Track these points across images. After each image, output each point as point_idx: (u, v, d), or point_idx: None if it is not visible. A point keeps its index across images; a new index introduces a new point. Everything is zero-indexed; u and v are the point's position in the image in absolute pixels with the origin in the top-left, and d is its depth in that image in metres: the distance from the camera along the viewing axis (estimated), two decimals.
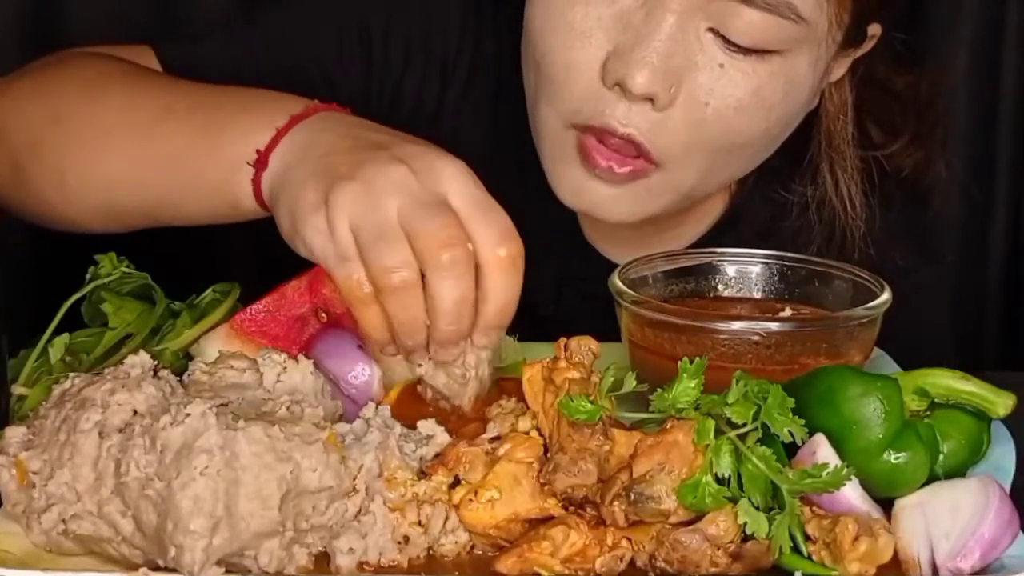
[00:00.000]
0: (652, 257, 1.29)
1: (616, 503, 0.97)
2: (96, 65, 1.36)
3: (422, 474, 1.02)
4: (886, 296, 1.20)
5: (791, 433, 0.97)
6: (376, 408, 1.05)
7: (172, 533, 0.92)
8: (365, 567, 0.97)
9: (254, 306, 1.24)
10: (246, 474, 0.93)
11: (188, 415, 0.95)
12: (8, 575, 0.94)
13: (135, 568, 0.96)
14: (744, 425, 0.98)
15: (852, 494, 0.99)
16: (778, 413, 0.97)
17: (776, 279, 1.29)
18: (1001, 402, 1.06)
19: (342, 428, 1.03)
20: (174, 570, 0.93)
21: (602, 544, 0.97)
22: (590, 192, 1.31)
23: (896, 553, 0.96)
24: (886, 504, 1.00)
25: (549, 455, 1.00)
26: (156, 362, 1.05)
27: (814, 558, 0.95)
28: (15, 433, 1.02)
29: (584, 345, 1.04)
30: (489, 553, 1.00)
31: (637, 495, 0.96)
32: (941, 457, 1.05)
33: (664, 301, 1.24)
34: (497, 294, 1.07)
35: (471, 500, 0.99)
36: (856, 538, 0.94)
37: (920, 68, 1.48)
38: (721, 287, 1.30)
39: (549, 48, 1.28)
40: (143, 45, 1.43)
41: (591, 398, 0.99)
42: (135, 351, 1.05)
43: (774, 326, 1.17)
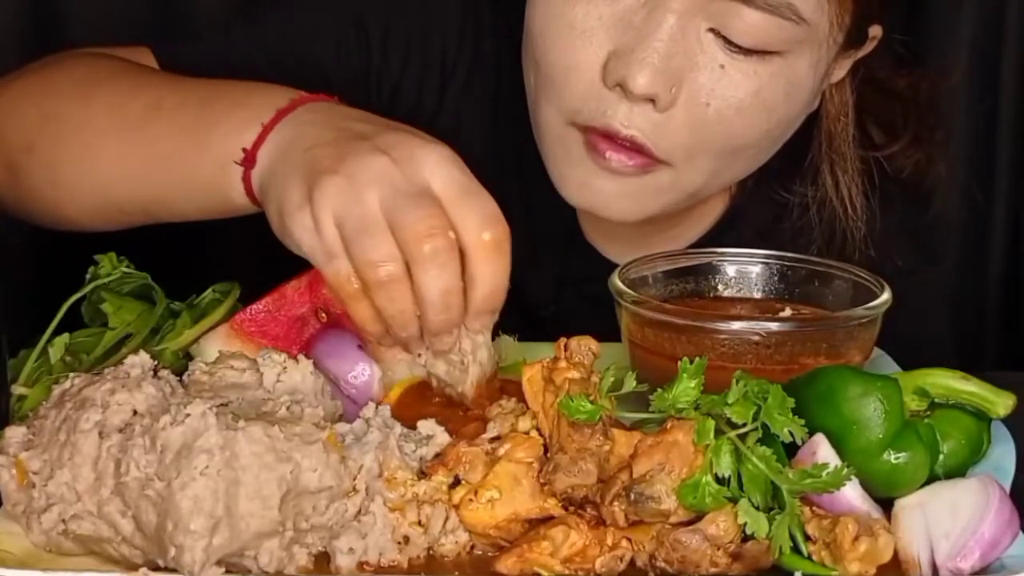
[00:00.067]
0: (652, 257, 1.29)
1: (616, 503, 0.97)
2: (88, 64, 1.36)
3: (422, 474, 1.02)
4: (886, 296, 1.20)
5: (791, 433, 0.97)
6: (376, 408, 1.05)
7: (172, 533, 0.92)
8: (365, 567, 0.97)
9: (254, 306, 1.24)
10: (246, 474, 0.93)
11: (188, 415, 0.95)
12: (8, 575, 0.94)
13: (135, 568, 0.96)
14: (744, 425, 0.98)
15: (852, 494, 0.99)
16: (778, 413, 0.97)
17: (776, 279, 1.29)
18: (1001, 402, 1.06)
19: (342, 428, 1.03)
20: (174, 570, 0.93)
21: (602, 544, 0.97)
22: (596, 188, 1.30)
23: (896, 553, 0.96)
24: (886, 504, 1.00)
25: (549, 455, 1.00)
26: (156, 362, 1.05)
27: (814, 558, 0.95)
28: (15, 433, 1.02)
29: (584, 345, 1.04)
30: (489, 553, 1.00)
31: (637, 495, 0.96)
32: (941, 457, 1.05)
33: (664, 301, 1.24)
34: (484, 279, 1.06)
35: (471, 500, 0.99)
36: (856, 538, 0.94)
37: (921, 69, 1.48)
38: (721, 287, 1.30)
39: (549, 47, 1.28)
40: (141, 46, 1.43)
41: (591, 398, 0.99)
42: (135, 351, 1.05)
43: (774, 326, 1.17)
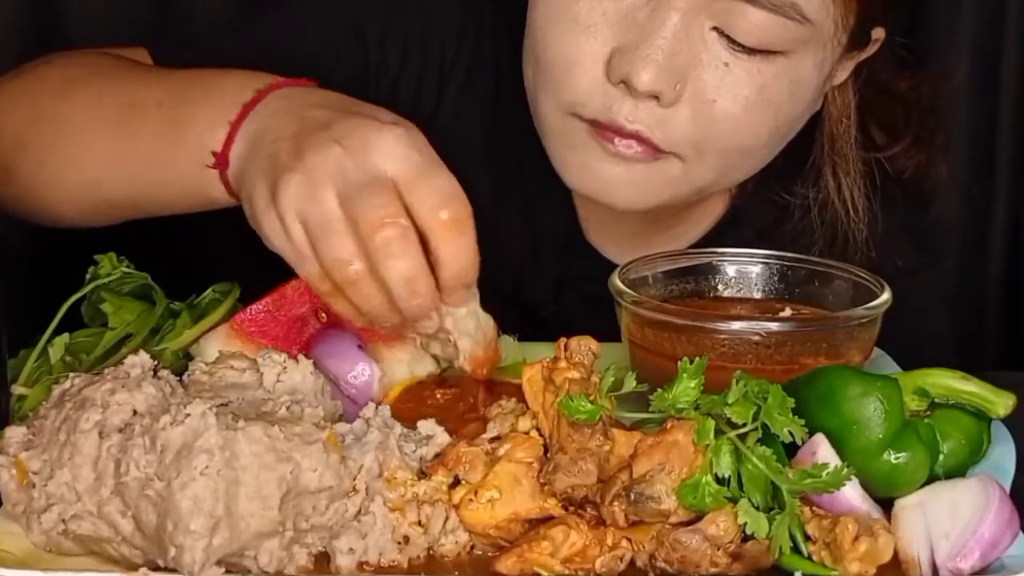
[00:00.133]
0: (652, 257, 1.29)
1: (616, 503, 0.97)
2: (73, 63, 1.36)
3: (422, 474, 1.02)
4: (886, 296, 1.20)
5: (791, 433, 0.97)
6: (376, 408, 1.05)
7: (172, 533, 0.92)
8: (365, 567, 0.97)
9: (254, 306, 1.24)
10: (246, 474, 0.93)
11: (188, 415, 0.95)
12: (8, 575, 0.94)
13: (135, 568, 0.96)
14: (744, 425, 0.98)
15: (852, 494, 0.99)
16: (778, 413, 0.97)
17: (776, 279, 1.29)
18: (1001, 402, 1.06)
19: (342, 428, 1.03)
20: (174, 570, 0.93)
21: (602, 544, 0.97)
22: (599, 172, 1.30)
23: (896, 553, 0.96)
24: (886, 504, 1.00)
25: (549, 455, 1.00)
26: (156, 362, 1.05)
27: (814, 558, 0.95)
28: (15, 433, 1.02)
29: (584, 345, 1.04)
30: (489, 553, 1.00)
31: (637, 495, 0.96)
32: (941, 457, 1.05)
33: (664, 301, 1.24)
34: (448, 259, 1.04)
35: (471, 500, 0.99)
36: (856, 538, 0.94)
37: (922, 72, 1.48)
38: (721, 287, 1.30)
39: (552, 42, 1.28)
40: (139, 47, 1.43)
41: (591, 398, 0.99)
42: (135, 351, 1.05)
43: (774, 326, 1.17)
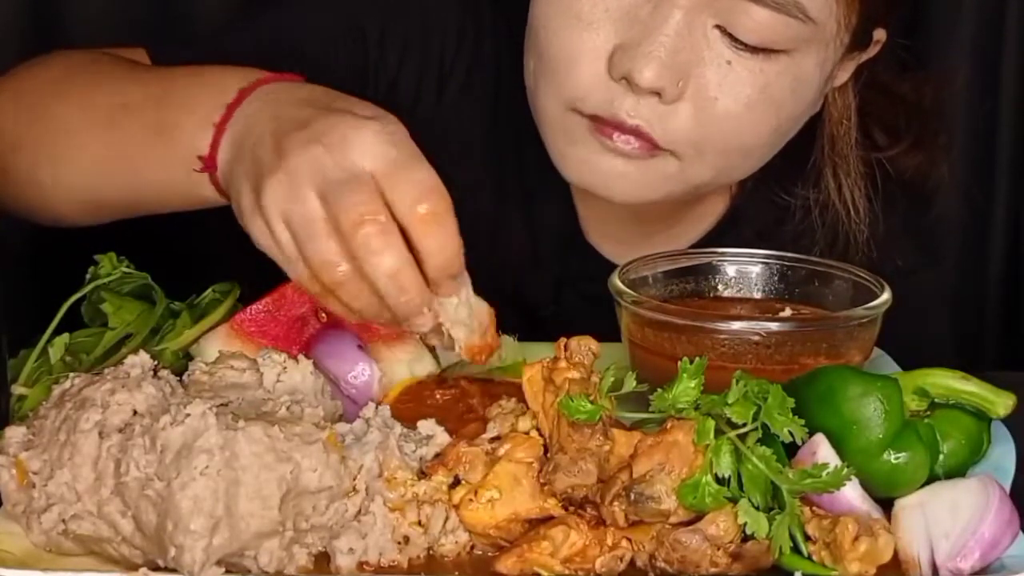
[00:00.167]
0: (652, 257, 1.29)
1: (616, 503, 0.97)
2: (69, 63, 1.36)
3: (422, 474, 1.02)
4: (886, 296, 1.20)
5: (791, 433, 0.97)
6: (376, 408, 1.05)
7: (172, 533, 0.92)
8: (365, 567, 0.97)
9: (254, 306, 1.24)
10: (246, 474, 0.93)
11: (188, 415, 0.95)
12: (8, 575, 0.94)
13: (135, 568, 0.96)
14: (744, 425, 0.98)
15: (852, 494, 0.99)
16: (778, 413, 0.97)
17: (776, 279, 1.29)
18: (1001, 402, 1.06)
19: (342, 428, 1.03)
20: (174, 570, 0.93)
21: (602, 544, 0.97)
22: (597, 166, 1.29)
23: (896, 553, 0.96)
24: (886, 504, 1.00)
25: (549, 455, 1.00)
26: (156, 362, 1.05)
27: (814, 558, 0.95)
28: (15, 433, 1.02)
29: (584, 345, 1.04)
30: (489, 553, 1.00)
31: (637, 495, 0.96)
32: (941, 457, 1.05)
33: (664, 301, 1.24)
34: (431, 251, 1.03)
35: (471, 500, 0.99)
36: (856, 538, 0.94)
37: (924, 73, 1.48)
38: (721, 287, 1.30)
39: (554, 37, 1.28)
40: (137, 47, 1.43)
41: (591, 398, 0.99)
42: (135, 351, 1.05)
43: (774, 326, 1.17)
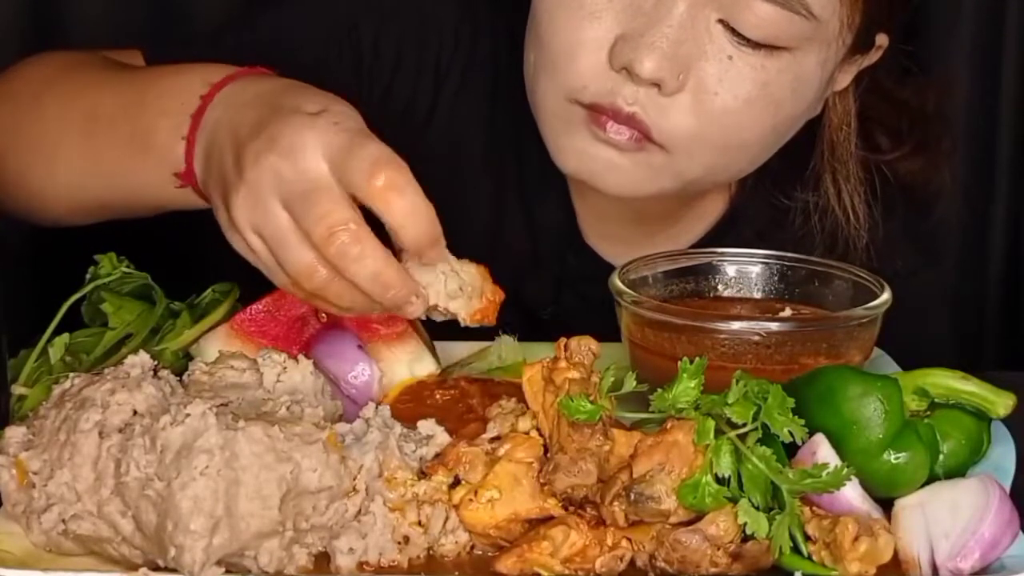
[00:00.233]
0: (652, 257, 1.29)
1: (616, 503, 0.97)
2: (50, 67, 1.36)
3: (422, 474, 1.02)
4: (886, 296, 1.20)
5: (791, 433, 0.97)
6: (376, 408, 1.05)
7: (172, 533, 0.92)
8: (365, 567, 0.97)
9: (254, 306, 1.24)
10: (246, 474, 0.93)
11: (188, 415, 0.95)
12: (8, 575, 0.94)
13: (135, 568, 0.96)
14: (744, 425, 0.98)
15: (852, 494, 0.99)
16: (778, 413, 0.97)
17: (776, 279, 1.29)
18: (1001, 402, 1.06)
19: (342, 428, 1.03)
20: (174, 570, 0.93)
21: (602, 544, 0.97)
22: (592, 156, 1.29)
23: (896, 553, 0.96)
24: (886, 504, 1.00)
25: (549, 455, 1.00)
26: (156, 362, 1.05)
27: (814, 558, 0.95)
28: (15, 433, 1.02)
29: (584, 345, 1.04)
30: (489, 553, 1.00)
31: (637, 495, 0.96)
32: (941, 457, 1.05)
33: (664, 301, 1.24)
34: (403, 222, 1.02)
35: (471, 500, 0.99)
36: (856, 538, 0.94)
37: (926, 79, 1.48)
38: (721, 287, 1.30)
39: (557, 27, 1.28)
40: (133, 49, 1.43)
41: (591, 398, 0.99)
42: (135, 351, 1.05)
43: (774, 326, 1.17)
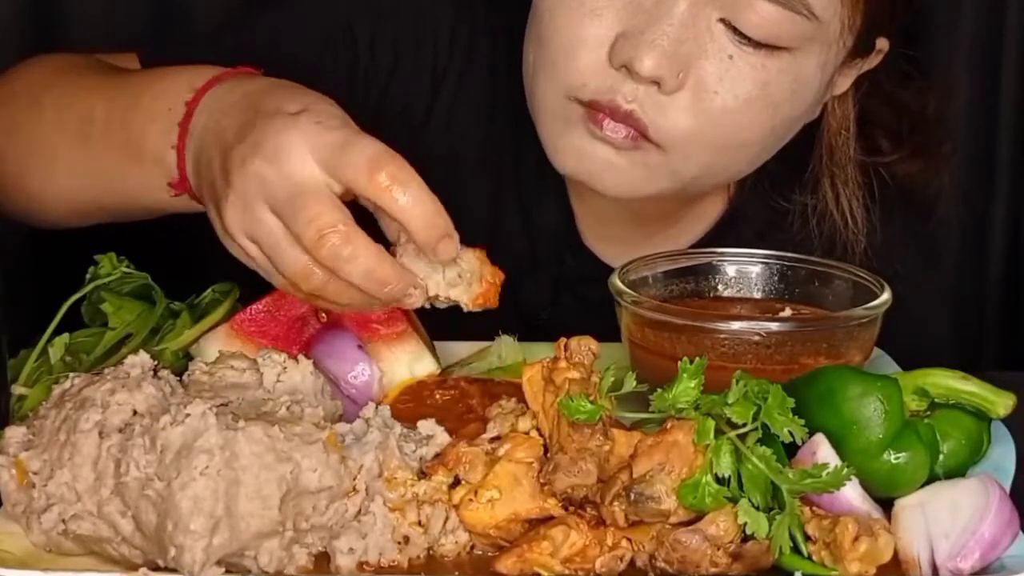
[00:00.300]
0: (652, 257, 1.29)
1: (616, 503, 0.97)
2: (43, 70, 1.36)
3: (422, 474, 1.02)
4: (886, 296, 1.20)
5: (791, 433, 0.97)
6: (376, 408, 1.05)
7: (172, 533, 0.92)
8: (365, 567, 0.97)
9: (254, 306, 1.24)
10: (246, 474, 0.93)
11: (188, 415, 0.95)
12: (8, 575, 0.94)
13: (135, 568, 0.96)
14: (744, 425, 0.98)
15: (852, 494, 0.99)
16: (778, 413, 0.97)
17: (776, 279, 1.30)
18: (1001, 402, 1.06)
19: (342, 428, 1.02)
20: (174, 570, 0.93)
21: (602, 544, 0.97)
22: (590, 155, 1.28)
23: (896, 553, 0.96)
24: (886, 504, 1.00)
25: (549, 455, 1.00)
26: (156, 362, 1.05)
27: (814, 558, 0.95)
28: (15, 433, 1.02)
29: (584, 345, 1.04)
30: (489, 553, 1.00)
31: (637, 495, 0.96)
32: (941, 457, 1.05)
33: (664, 301, 1.24)
34: (409, 216, 1.01)
35: (471, 500, 0.99)
36: (856, 538, 0.94)
37: (927, 83, 1.47)
38: (721, 287, 1.30)
39: (558, 24, 1.28)
40: (130, 54, 1.43)
41: (591, 398, 0.99)
42: (135, 351, 1.05)
43: (774, 326, 1.17)
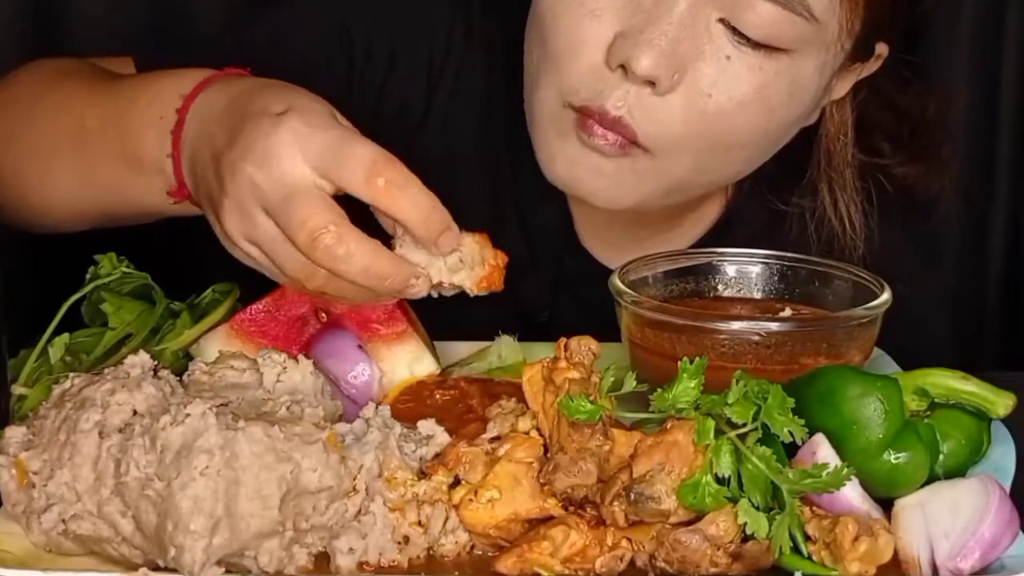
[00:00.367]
0: (652, 257, 1.29)
1: (616, 503, 0.97)
2: (38, 76, 1.37)
3: (422, 474, 1.02)
4: (886, 296, 1.20)
5: (791, 433, 0.97)
6: (376, 408, 1.05)
7: (172, 533, 0.92)
8: (365, 567, 0.97)
9: (254, 306, 1.24)
10: (246, 474, 0.93)
11: (188, 415, 0.95)
12: (8, 575, 0.94)
13: (135, 568, 0.96)
14: (744, 425, 0.98)
15: (852, 494, 0.99)
16: (778, 413, 0.97)
17: (776, 279, 1.29)
18: (1001, 402, 1.06)
19: (342, 428, 1.03)
20: (174, 570, 0.93)
21: (602, 544, 0.97)
22: (581, 163, 1.28)
23: (896, 553, 0.96)
24: (886, 504, 1.00)
25: (549, 455, 1.00)
26: (156, 362, 1.05)
27: (814, 558, 0.95)
28: (15, 433, 1.02)
29: (584, 345, 1.04)
30: (489, 553, 1.00)
31: (637, 495, 0.96)
32: (941, 457, 1.05)
33: (664, 301, 1.24)
34: (407, 216, 1.02)
35: (471, 500, 0.99)
36: (856, 538, 0.94)
37: (927, 87, 1.47)
38: (721, 287, 1.30)
39: (558, 25, 1.27)
40: (126, 57, 1.43)
41: (591, 398, 0.99)
42: (135, 351, 1.05)
43: (774, 326, 1.17)
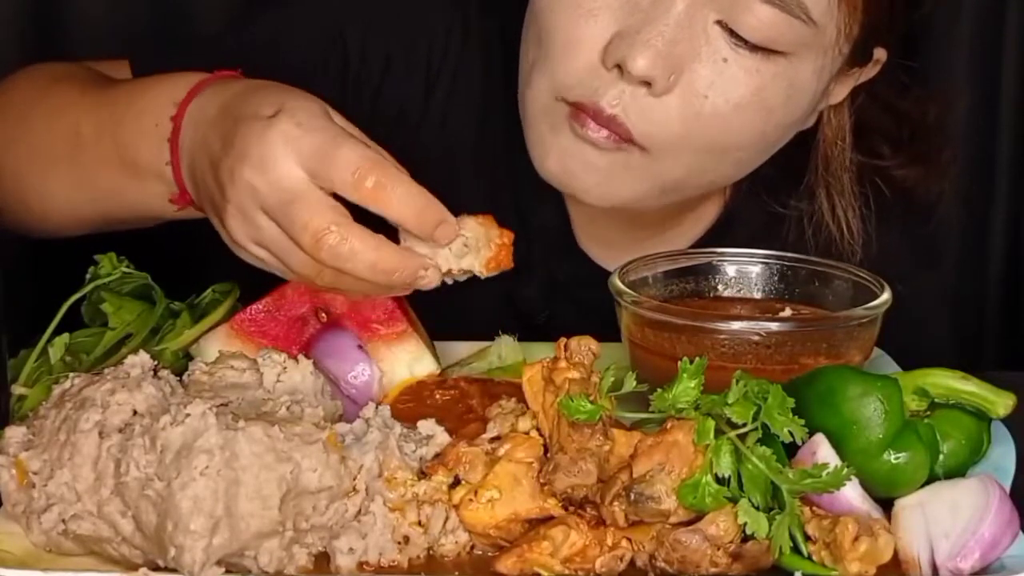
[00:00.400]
0: (652, 257, 1.29)
1: (616, 503, 0.97)
2: (36, 81, 1.37)
3: (422, 474, 1.02)
4: (886, 296, 1.20)
5: (791, 433, 0.97)
6: (376, 408, 1.05)
7: (172, 533, 0.92)
8: (365, 567, 0.97)
9: (254, 306, 1.24)
10: (246, 474, 0.93)
11: (188, 415, 0.95)
12: (8, 575, 0.94)
13: (135, 568, 0.96)
14: (744, 425, 0.98)
15: (852, 494, 0.99)
16: (778, 413, 0.97)
17: (776, 279, 1.29)
18: (1001, 402, 1.06)
19: (342, 428, 1.03)
20: (174, 570, 0.93)
21: (602, 544, 0.97)
22: (574, 155, 1.27)
23: (896, 553, 0.96)
24: (886, 504, 1.00)
25: (549, 455, 1.00)
26: (156, 362, 1.05)
27: (814, 558, 0.95)
28: (15, 433, 1.02)
29: (584, 345, 1.04)
30: (489, 553, 1.00)
31: (637, 495, 0.96)
32: (941, 457, 1.05)
33: (664, 301, 1.24)
34: (401, 215, 1.04)
35: (471, 500, 0.99)
36: (856, 538, 0.94)
37: (926, 91, 1.47)
38: (721, 287, 1.30)
39: (555, 24, 1.27)
40: (122, 60, 1.43)
41: (591, 398, 0.99)
42: (135, 351, 1.05)
43: (774, 326, 1.17)
